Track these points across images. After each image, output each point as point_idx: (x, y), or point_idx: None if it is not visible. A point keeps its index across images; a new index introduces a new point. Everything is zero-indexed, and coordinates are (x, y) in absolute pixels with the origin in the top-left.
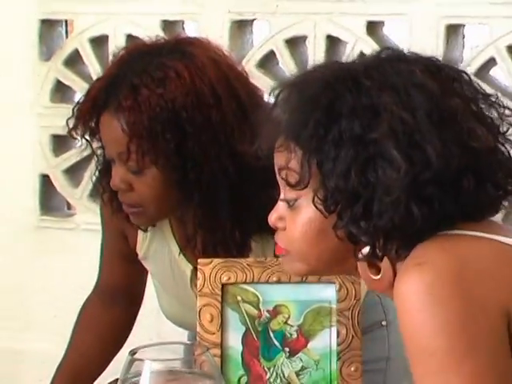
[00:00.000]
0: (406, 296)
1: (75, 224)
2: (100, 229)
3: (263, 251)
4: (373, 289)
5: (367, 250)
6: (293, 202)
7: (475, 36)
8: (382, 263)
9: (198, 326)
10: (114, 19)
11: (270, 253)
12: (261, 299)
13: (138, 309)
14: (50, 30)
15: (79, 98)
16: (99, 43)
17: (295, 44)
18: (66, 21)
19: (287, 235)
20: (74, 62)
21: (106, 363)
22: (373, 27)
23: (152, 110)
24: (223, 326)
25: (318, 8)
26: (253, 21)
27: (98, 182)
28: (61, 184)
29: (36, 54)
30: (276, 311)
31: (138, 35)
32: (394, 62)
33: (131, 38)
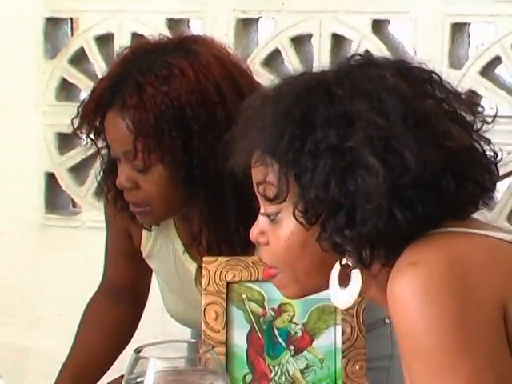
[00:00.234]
0: (400, 296)
1: (80, 222)
2: (105, 227)
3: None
4: (339, 306)
5: (352, 259)
6: (273, 216)
7: (480, 34)
8: (352, 278)
9: (202, 324)
10: (120, 17)
11: None
12: (266, 297)
13: (142, 307)
14: (55, 28)
15: (84, 96)
16: (104, 41)
17: (300, 42)
18: (72, 19)
19: (271, 250)
20: (80, 60)
21: (111, 361)
22: (378, 25)
23: (157, 107)
24: (228, 324)
25: (323, 6)
26: (258, 19)
27: (103, 181)
28: (66, 182)
29: (41, 52)
30: (281, 309)
31: (143, 33)
32: (364, 68)
33: (136, 36)
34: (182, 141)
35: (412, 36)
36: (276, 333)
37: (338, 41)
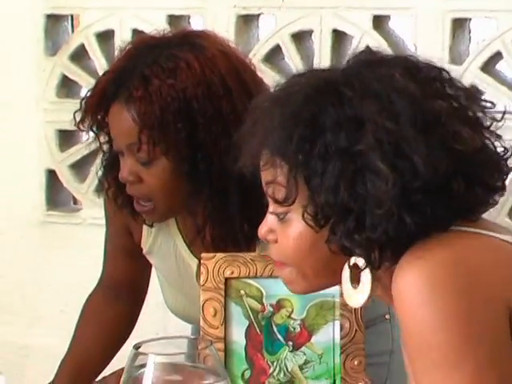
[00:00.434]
0: (405, 291)
1: (81, 219)
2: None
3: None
4: (352, 305)
5: (361, 262)
6: (283, 216)
7: (481, 30)
8: (362, 278)
9: (201, 320)
10: (120, 14)
11: None
12: (264, 293)
13: (141, 304)
14: (55, 24)
15: (86, 92)
16: (105, 38)
17: (301, 38)
18: (72, 15)
19: (280, 248)
20: (80, 56)
21: (110, 357)
22: (379, 21)
23: (163, 100)
24: (226, 320)
25: (323, 2)
26: (259, 15)
27: (104, 177)
28: (67, 179)
29: (42, 49)
30: (279, 305)
31: (144, 30)
32: (373, 67)
33: (137, 33)
34: (187, 133)
35: (413, 32)
36: (274, 329)
37: (339, 37)
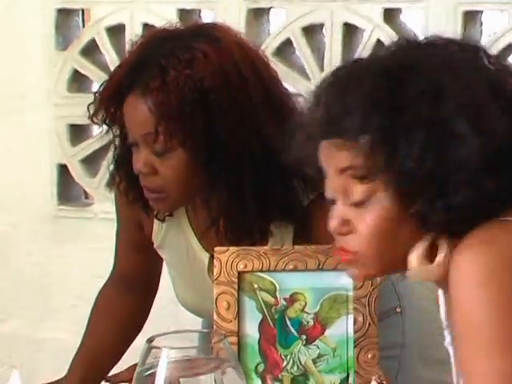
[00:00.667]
0: (465, 271)
1: (93, 213)
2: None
3: (282, 238)
4: (425, 279)
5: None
6: (361, 202)
7: (493, 22)
8: (440, 250)
9: (214, 314)
10: (131, 8)
11: (288, 240)
12: (277, 287)
13: (153, 297)
14: (66, 19)
15: (99, 85)
16: (116, 32)
17: (312, 32)
18: (83, 10)
19: (358, 237)
20: (91, 51)
21: (122, 350)
22: (390, 15)
23: (180, 90)
24: (240, 314)
25: None
26: (269, 9)
27: (115, 171)
28: (78, 174)
29: (53, 44)
30: (293, 299)
31: (155, 24)
32: (435, 47)
33: (148, 27)
34: (204, 124)
35: (424, 25)
36: (288, 322)
37: (350, 30)
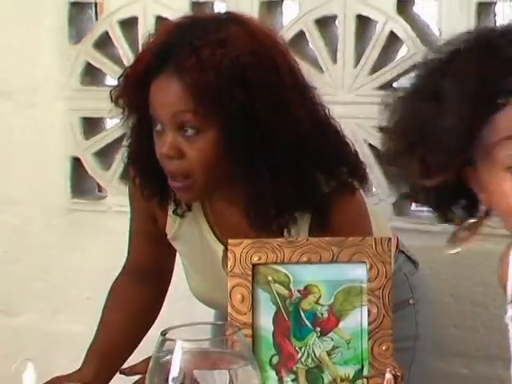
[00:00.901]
0: None
1: (106, 206)
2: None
3: (298, 229)
4: None
5: None
6: None
7: (506, 14)
8: None
9: (229, 306)
10: (144, 1)
11: (304, 228)
12: (291, 279)
13: (166, 288)
14: (79, 12)
15: (110, 79)
16: (129, 25)
17: (325, 24)
18: (96, 3)
19: None
20: (104, 44)
21: (136, 342)
22: (403, 6)
23: (217, 67)
24: (254, 307)
25: None
26: (282, 1)
27: (130, 164)
28: (91, 167)
29: (66, 37)
30: (307, 291)
31: (168, 17)
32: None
33: (160, 20)
34: (241, 102)
35: (437, 16)
36: (302, 314)
37: (363, 22)
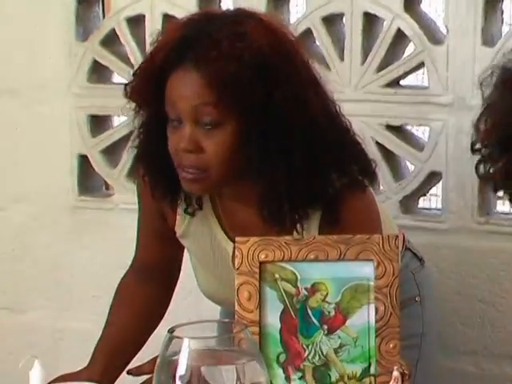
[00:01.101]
0: None
1: (113, 204)
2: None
3: (308, 225)
4: None
5: None
6: None
7: None
8: None
9: (236, 304)
10: None
11: (314, 225)
12: (298, 277)
13: (173, 286)
14: (86, 10)
15: (117, 77)
16: (136, 23)
17: (332, 21)
18: (103, 1)
19: None
20: (111, 42)
21: (144, 339)
22: (410, 4)
23: (238, 59)
24: (261, 304)
25: None
26: None
27: (139, 163)
28: (98, 164)
29: (73, 35)
30: (314, 289)
31: (175, 14)
32: None
33: (168, 18)
34: (263, 93)
35: (444, 13)
36: (309, 312)
37: (370, 19)
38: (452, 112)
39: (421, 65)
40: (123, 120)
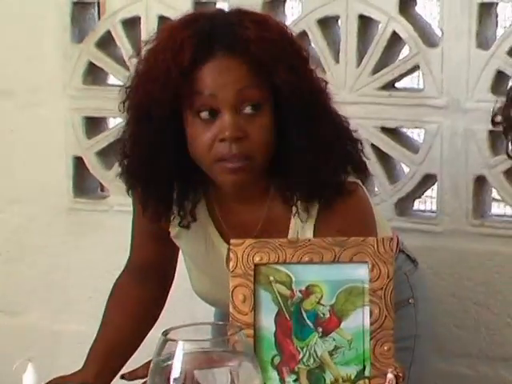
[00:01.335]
0: None
1: (108, 206)
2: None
3: (306, 214)
4: None
5: None
6: None
7: (508, 14)
8: None
9: (230, 306)
10: (146, 0)
11: (311, 215)
12: (293, 279)
13: (168, 287)
14: (82, 12)
15: (112, 79)
16: (131, 25)
17: (327, 24)
18: (98, 3)
19: None
20: (107, 43)
21: (138, 340)
22: (405, 6)
23: (267, 40)
24: (256, 307)
25: None
26: (285, 1)
27: (135, 179)
28: (94, 166)
29: (68, 37)
30: (308, 291)
31: (170, 16)
32: None
33: (163, 19)
34: (296, 75)
35: (439, 16)
36: (304, 315)
37: (365, 22)
38: (447, 114)
39: (416, 67)
40: (118, 122)
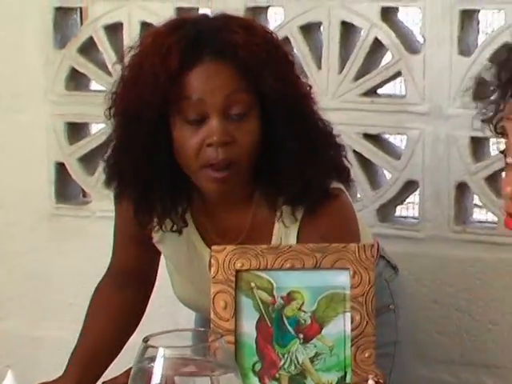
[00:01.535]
0: None
1: (90, 212)
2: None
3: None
4: None
5: None
6: None
7: (490, 21)
8: None
9: (211, 312)
10: (128, 6)
11: (296, 218)
12: (274, 286)
13: (150, 292)
14: (64, 17)
15: (94, 84)
16: (113, 30)
17: (310, 30)
18: (81, 8)
19: None
20: (89, 49)
21: (119, 346)
22: (387, 13)
23: (255, 44)
24: (237, 313)
25: None
26: (267, 7)
27: (125, 186)
28: (76, 172)
29: (50, 42)
30: (290, 298)
31: (153, 22)
32: None
33: (145, 26)
34: (277, 78)
35: (421, 23)
36: (285, 321)
37: (347, 29)
38: (429, 121)
39: (398, 74)
40: (101, 127)
